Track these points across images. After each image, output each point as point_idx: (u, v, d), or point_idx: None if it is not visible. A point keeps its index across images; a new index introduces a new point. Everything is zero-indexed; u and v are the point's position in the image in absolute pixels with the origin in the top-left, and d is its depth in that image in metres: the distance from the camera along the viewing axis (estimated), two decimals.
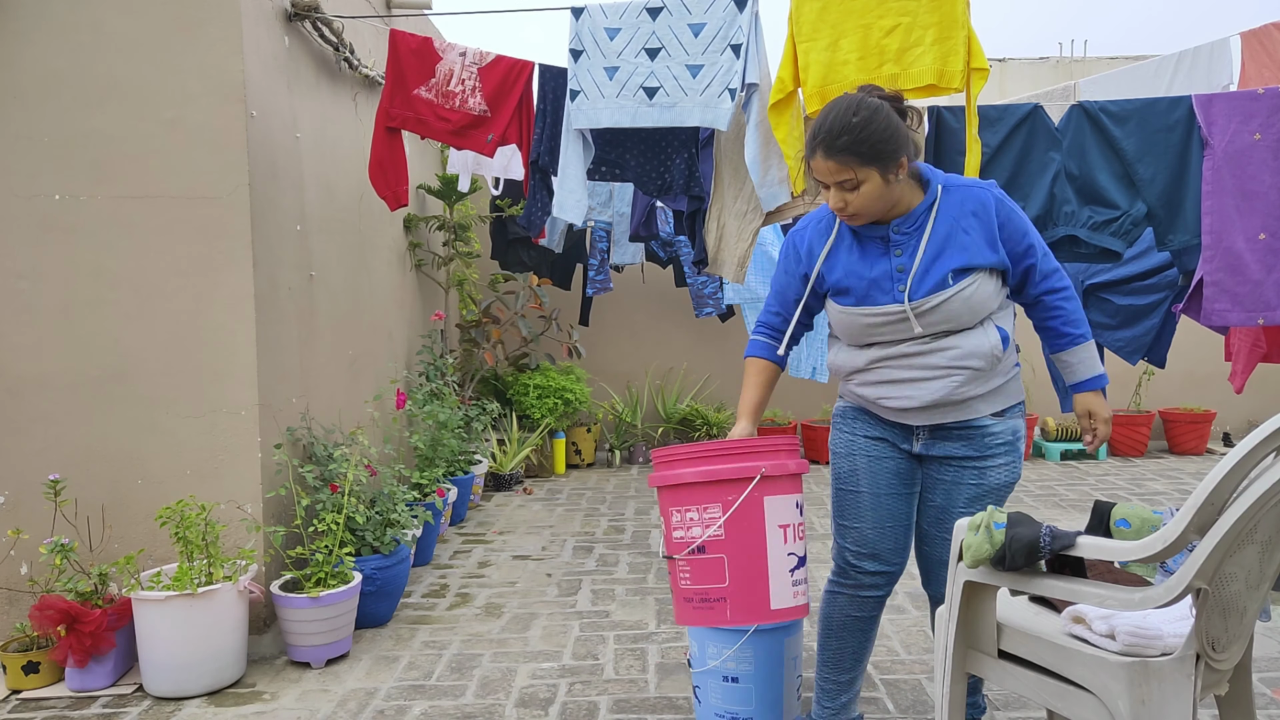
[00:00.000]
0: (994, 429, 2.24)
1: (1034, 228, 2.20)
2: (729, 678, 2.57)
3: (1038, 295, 2.25)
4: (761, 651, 2.55)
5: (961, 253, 2.14)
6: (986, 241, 2.15)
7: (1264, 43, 4.04)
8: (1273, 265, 3.29)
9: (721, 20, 3.24)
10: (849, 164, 2.08)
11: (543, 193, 3.84)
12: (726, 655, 2.52)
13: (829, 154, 2.09)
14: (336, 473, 3.45)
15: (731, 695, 2.56)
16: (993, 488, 2.27)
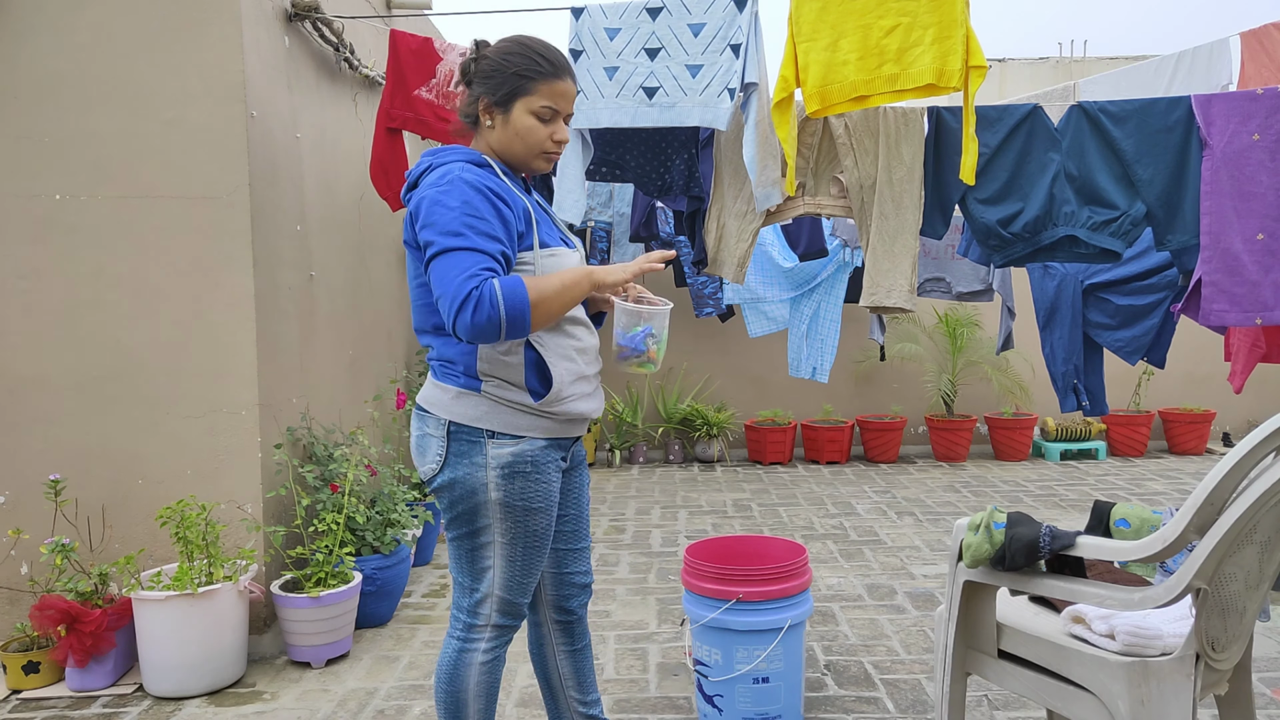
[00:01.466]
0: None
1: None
2: (760, 679, 2.57)
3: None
4: (790, 649, 2.59)
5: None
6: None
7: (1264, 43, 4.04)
8: (1270, 266, 3.29)
9: (721, 20, 3.24)
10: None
11: (542, 193, 3.84)
12: (762, 656, 2.54)
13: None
14: (337, 473, 3.45)
15: (762, 696, 2.58)
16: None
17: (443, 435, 1.93)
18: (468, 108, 1.99)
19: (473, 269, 1.74)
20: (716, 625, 2.57)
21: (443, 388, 1.94)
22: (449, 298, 1.74)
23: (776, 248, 5.93)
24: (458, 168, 1.85)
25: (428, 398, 1.97)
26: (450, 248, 1.77)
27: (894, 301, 3.54)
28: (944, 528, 4.92)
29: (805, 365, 6.17)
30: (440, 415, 1.93)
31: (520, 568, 1.98)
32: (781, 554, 2.78)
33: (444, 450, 1.93)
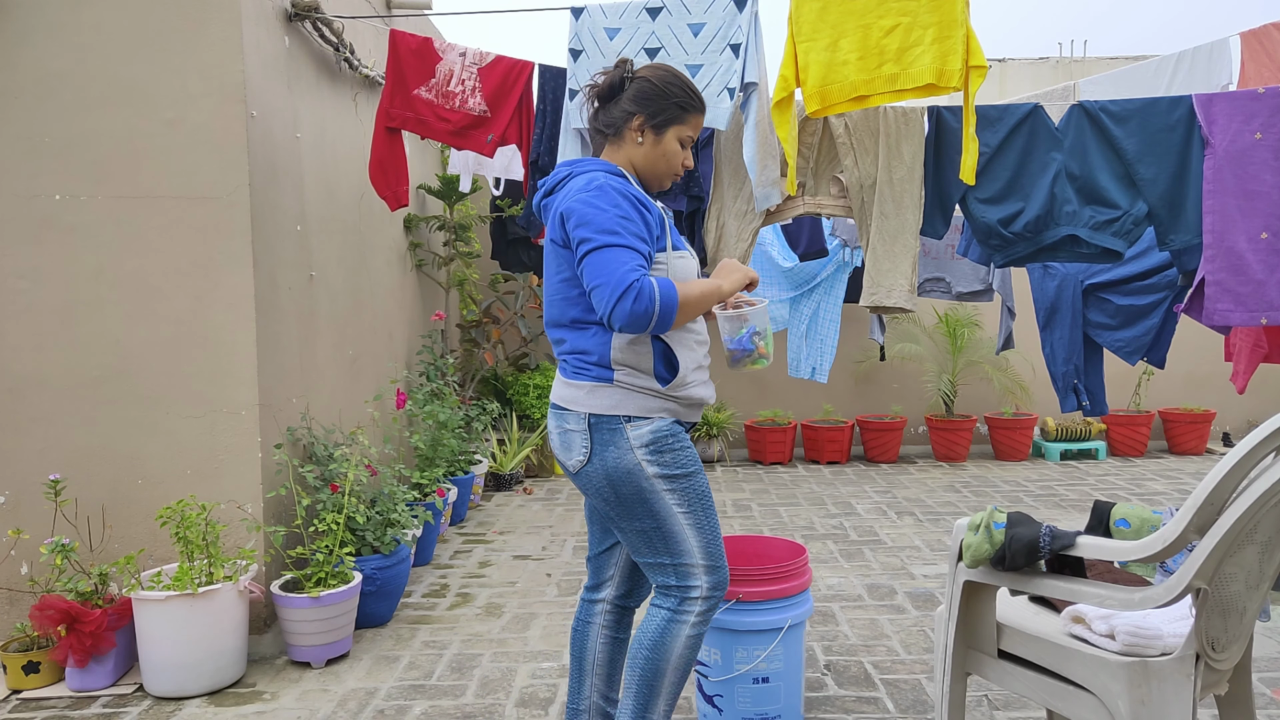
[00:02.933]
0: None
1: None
2: (760, 679, 2.58)
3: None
4: (790, 649, 2.60)
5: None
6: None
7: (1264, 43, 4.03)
8: (1275, 265, 3.28)
9: (721, 20, 3.24)
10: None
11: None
12: (762, 656, 2.55)
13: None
14: (337, 473, 3.45)
15: (762, 696, 2.59)
16: None
17: (584, 428, 2.08)
18: (614, 120, 2.15)
19: (631, 264, 1.94)
20: (716, 625, 2.56)
21: (577, 385, 2.09)
22: (610, 287, 1.92)
23: (776, 248, 5.93)
24: (602, 176, 2.05)
25: (563, 396, 2.11)
26: (608, 244, 1.95)
27: (894, 301, 3.54)
28: (944, 528, 4.92)
29: (805, 365, 6.16)
30: (579, 410, 2.08)
31: (708, 528, 2.11)
32: (782, 554, 2.78)
33: (589, 442, 2.08)
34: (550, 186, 2.15)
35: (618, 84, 2.14)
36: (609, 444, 2.06)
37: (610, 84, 2.14)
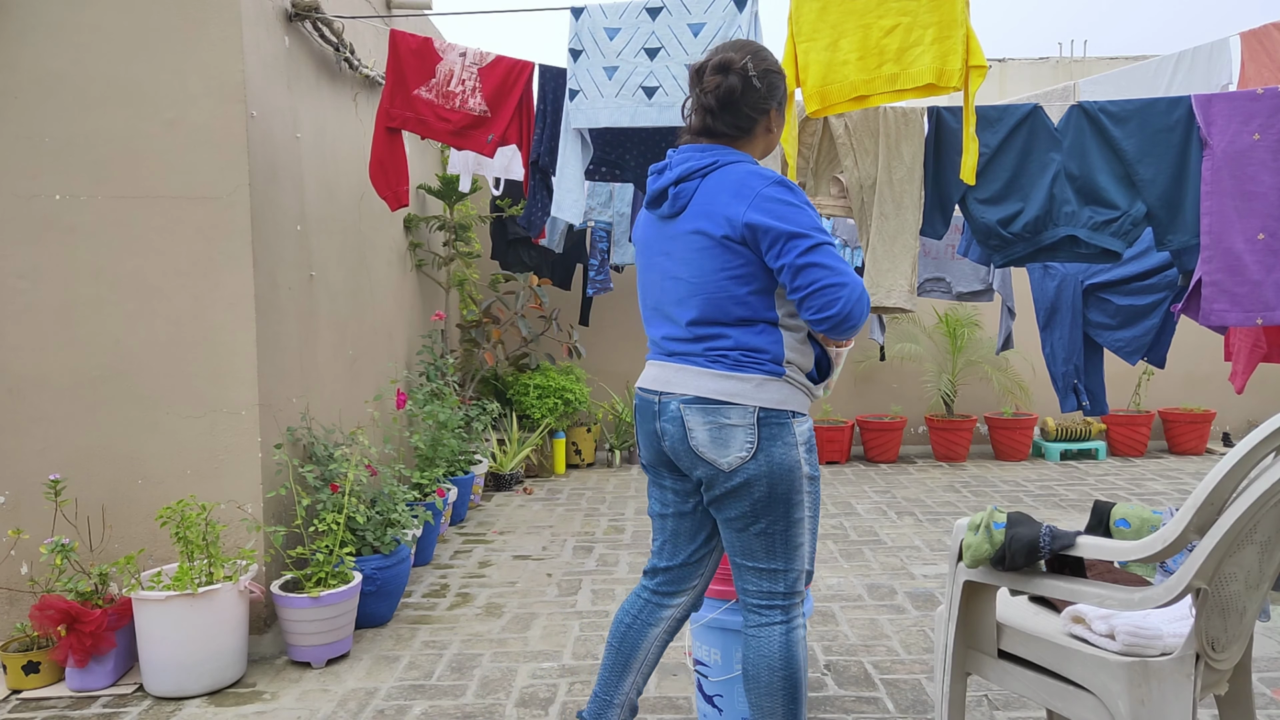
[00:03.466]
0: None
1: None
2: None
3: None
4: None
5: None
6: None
7: (1264, 43, 4.04)
8: (1272, 266, 3.29)
9: (721, 20, 3.24)
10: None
11: (543, 193, 3.84)
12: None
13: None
14: (337, 473, 3.45)
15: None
16: None
17: (751, 423, 2.01)
18: (743, 121, 2.08)
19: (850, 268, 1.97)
20: (717, 625, 2.56)
21: (743, 378, 2.02)
22: (853, 286, 1.93)
23: None
24: (765, 170, 2.04)
25: (724, 389, 2.02)
26: (826, 242, 1.96)
27: (894, 301, 3.54)
28: (944, 528, 4.92)
29: None
30: (747, 404, 2.01)
31: (814, 536, 2.14)
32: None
33: (754, 437, 2.01)
34: (688, 172, 2.06)
35: (741, 87, 2.05)
36: (776, 439, 2.01)
37: (732, 89, 2.05)
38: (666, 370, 2.11)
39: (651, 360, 2.19)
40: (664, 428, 2.10)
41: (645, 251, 2.20)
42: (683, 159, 2.10)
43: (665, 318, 2.14)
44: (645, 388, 2.16)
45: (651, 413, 2.13)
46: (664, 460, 2.18)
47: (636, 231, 2.26)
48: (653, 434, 2.15)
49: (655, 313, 2.18)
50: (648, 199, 2.17)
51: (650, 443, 2.18)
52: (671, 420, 2.08)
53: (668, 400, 2.09)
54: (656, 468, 2.22)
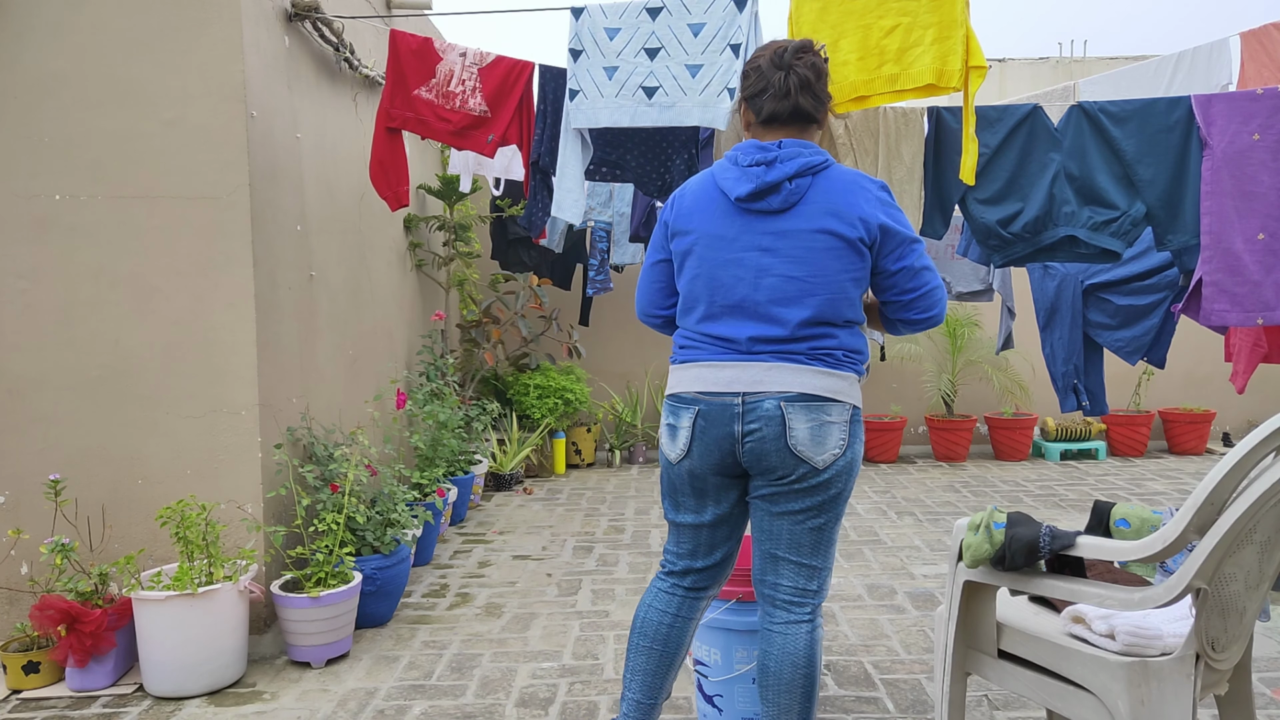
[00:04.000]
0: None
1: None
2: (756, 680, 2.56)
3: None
4: None
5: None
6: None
7: (1264, 43, 4.04)
8: (1271, 266, 3.29)
9: (721, 20, 3.24)
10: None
11: (543, 193, 3.84)
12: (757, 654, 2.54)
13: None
14: (337, 473, 3.45)
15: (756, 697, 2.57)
16: None
17: (846, 420, 2.05)
18: (824, 98, 2.13)
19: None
20: (717, 625, 2.56)
21: (845, 376, 2.06)
22: (942, 288, 2.11)
23: None
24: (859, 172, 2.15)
25: (830, 387, 2.03)
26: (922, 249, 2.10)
27: None
28: (944, 528, 4.92)
29: None
30: (848, 402, 2.06)
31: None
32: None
33: (847, 434, 2.06)
34: (806, 167, 2.04)
35: (823, 68, 2.11)
36: (858, 437, 2.08)
37: (818, 67, 2.10)
38: (751, 370, 2.03)
39: (717, 361, 2.07)
40: (751, 429, 2.02)
41: (722, 245, 2.08)
42: (793, 152, 2.04)
43: (754, 316, 2.05)
44: (719, 391, 2.05)
45: (731, 415, 2.03)
46: (725, 467, 2.10)
47: (700, 222, 2.12)
48: (728, 437, 2.05)
49: (734, 310, 2.07)
50: (749, 192, 2.05)
51: (719, 447, 2.07)
52: (766, 420, 2.01)
53: (760, 399, 2.01)
54: (704, 476, 2.12)
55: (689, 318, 2.15)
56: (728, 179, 2.09)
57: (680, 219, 2.15)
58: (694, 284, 2.12)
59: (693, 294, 2.13)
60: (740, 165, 2.07)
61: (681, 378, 2.13)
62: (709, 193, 2.13)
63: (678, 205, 2.18)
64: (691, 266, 2.12)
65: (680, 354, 2.16)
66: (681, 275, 2.16)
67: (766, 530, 2.11)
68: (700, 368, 2.09)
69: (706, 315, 2.11)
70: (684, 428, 2.10)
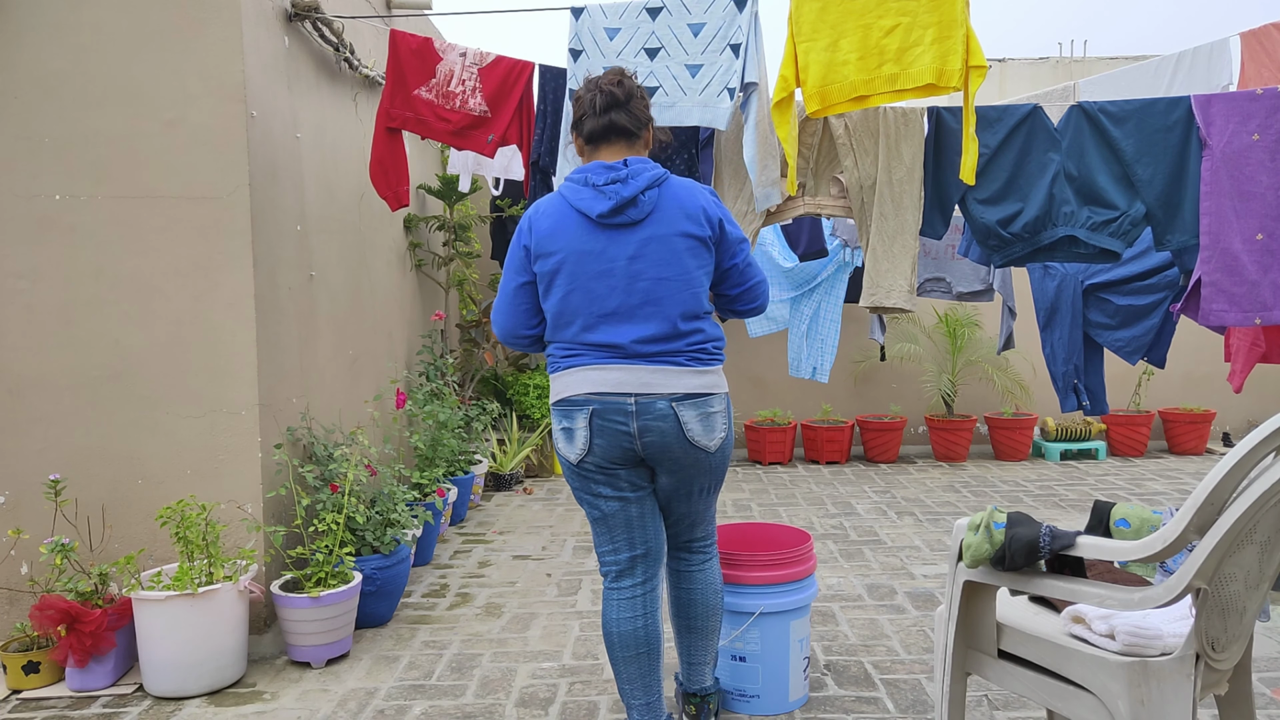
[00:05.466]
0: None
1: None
2: (737, 657, 2.72)
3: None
4: (769, 633, 2.70)
5: None
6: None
7: (1264, 43, 4.03)
8: (1269, 266, 3.29)
9: (721, 20, 3.24)
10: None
11: (543, 193, 3.84)
12: (734, 636, 2.70)
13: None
14: (336, 473, 3.45)
15: (739, 674, 2.73)
16: None
17: (725, 407, 2.36)
18: (642, 116, 2.40)
19: None
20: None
21: (713, 370, 2.33)
22: (766, 283, 2.46)
23: (776, 248, 5.93)
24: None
25: (707, 383, 2.31)
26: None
27: (894, 302, 3.54)
28: (944, 528, 4.92)
29: (805, 365, 6.17)
30: (722, 391, 2.35)
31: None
32: (781, 543, 2.91)
33: (728, 418, 2.38)
34: (653, 180, 2.27)
35: (635, 90, 2.37)
36: (731, 414, 2.40)
37: (629, 89, 2.35)
38: (638, 373, 2.24)
39: (604, 364, 2.25)
40: (648, 425, 2.24)
41: (590, 260, 2.24)
42: (639, 168, 2.27)
43: (631, 319, 2.24)
44: (609, 391, 2.24)
45: (625, 412, 2.24)
46: (627, 458, 2.30)
47: (565, 242, 2.26)
48: (624, 433, 2.25)
49: (611, 317, 2.25)
50: (610, 208, 2.23)
51: (617, 441, 2.26)
52: (661, 417, 2.24)
53: (651, 400, 2.23)
54: (610, 467, 2.30)
55: (566, 331, 2.30)
56: (584, 199, 2.25)
57: (542, 242, 2.28)
58: (567, 300, 2.27)
59: (567, 309, 2.28)
60: (595, 186, 2.24)
61: (569, 382, 2.28)
62: (566, 214, 2.28)
63: (535, 230, 2.30)
64: (562, 284, 2.27)
65: (564, 362, 2.31)
66: (550, 294, 2.30)
67: (680, 512, 2.45)
68: (588, 371, 2.26)
69: (585, 326, 2.27)
70: (580, 428, 2.27)
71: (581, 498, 2.39)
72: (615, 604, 2.37)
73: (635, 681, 2.36)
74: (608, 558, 2.40)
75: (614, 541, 2.38)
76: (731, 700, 2.76)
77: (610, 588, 2.39)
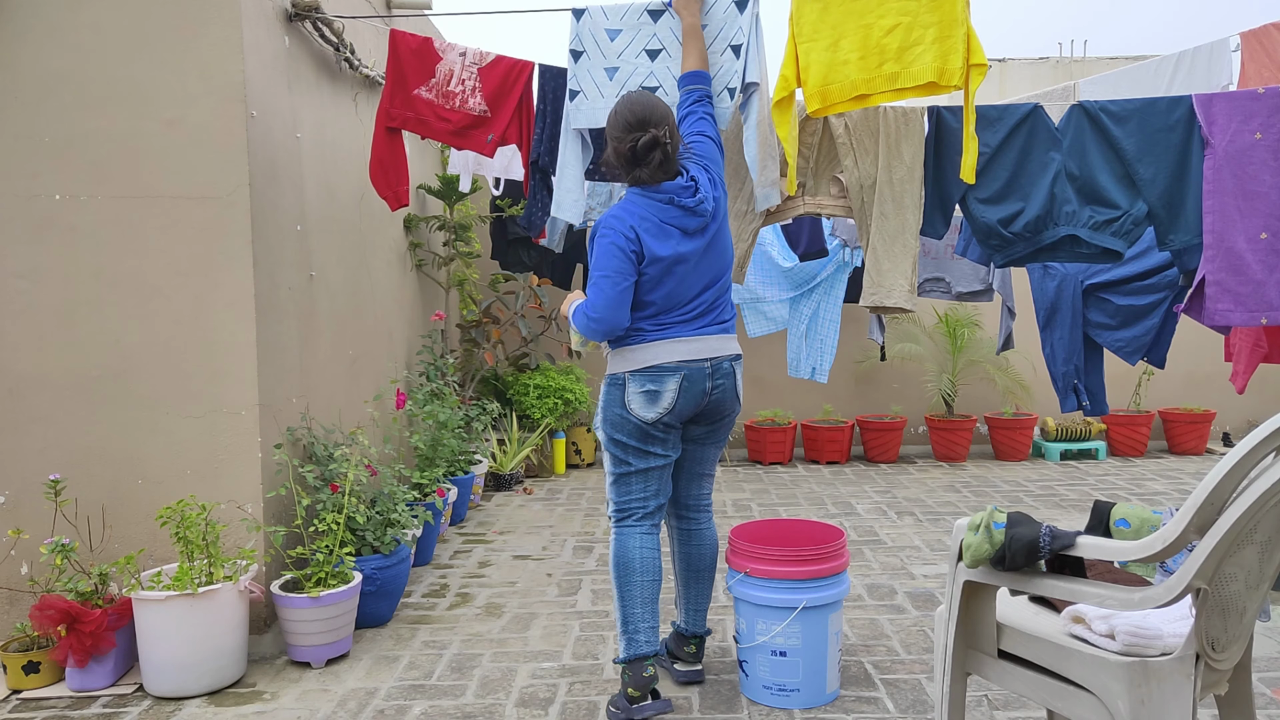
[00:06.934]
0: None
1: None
2: (777, 652, 2.76)
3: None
4: (810, 627, 2.75)
5: None
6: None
7: (1264, 43, 4.03)
8: (1274, 265, 3.28)
9: (722, 21, 3.24)
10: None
11: (543, 193, 3.84)
12: (775, 632, 2.74)
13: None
14: (337, 473, 3.45)
15: (780, 668, 2.77)
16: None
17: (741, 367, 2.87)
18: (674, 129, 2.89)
19: None
20: (744, 599, 2.81)
21: (733, 336, 2.89)
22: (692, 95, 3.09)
23: (776, 248, 5.93)
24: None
25: (738, 345, 2.85)
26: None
27: (894, 301, 3.54)
28: (944, 528, 4.92)
29: (805, 365, 6.17)
30: (740, 353, 2.86)
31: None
32: (815, 538, 2.95)
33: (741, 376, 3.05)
34: (709, 192, 2.80)
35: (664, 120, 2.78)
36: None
37: (658, 139, 2.72)
38: (710, 341, 2.74)
39: (688, 336, 2.71)
40: (719, 384, 2.75)
41: (686, 259, 2.72)
42: (700, 177, 2.78)
43: (705, 294, 2.77)
44: (693, 358, 2.70)
45: (704, 375, 2.72)
46: (693, 414, 2.76)
47: (669, 250, 2.69)
48: (701, 393, 2.73)
49: (696, 298, 2.75)
50: (698, 226, 2.73)
51: (695, 401, 2.73)
52: (727, 375, 2.77)
53: (720, 361, 2.75)
54: (673, 425, 2.74)
55: (660, 316, 2.73)
56: (675, 217, 2.71)
57: (650, 249, 2.68)
58: (671, 294, 2.72)
59: (669, 298, 2.72)
60: (686, 208, 2.71)
61: (658, 352, 2.69)
62: (665, 228, 2.71)
63: (643, 241, 2.68)
64: (667, 283, 2.71)
65: (653, 334, 2.71)
66: (658, 289, 2.70)
67: (699, 458, 2.91)
68: (675, 343, 2.70)
69: (679, 306, 2.73)
70: (670, 390, 2.69)
71: (632, 455, 2.74)
72: (639, 537, 2.77)
73: (647, 605, 2.74)
74: (636, 503, 2.78)
75: (647, 489, 2.78)
76: (771, 695, 2.78)
77: (631, 525, 2.78)
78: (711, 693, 2.90)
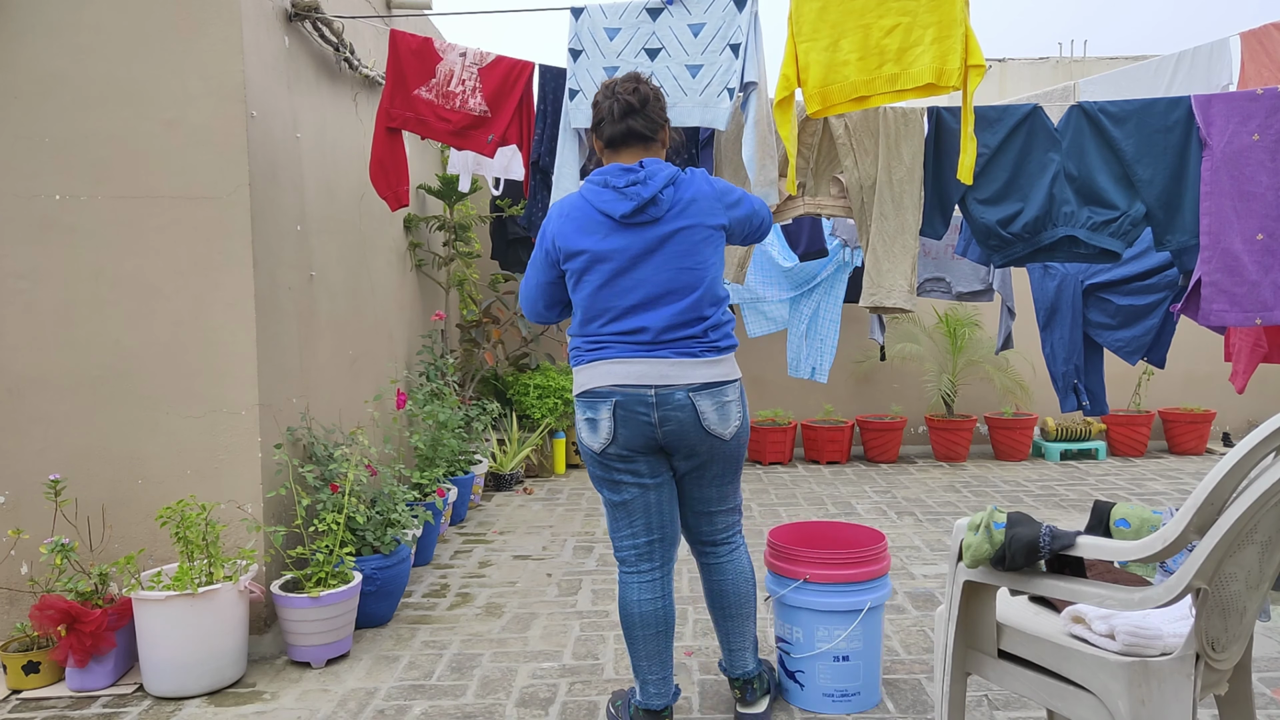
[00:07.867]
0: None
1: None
2: (840, 657, 2.73)
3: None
4: (869, 629, 2.75)
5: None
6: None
7: (1264, 43, 4.03)
8: (1270, 266, 3.29)
9: (721, 20, 3.24)
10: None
11: (543, 193, 3.84)
12: (840, 636, 2.71)
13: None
14: (337, 473, 3.45)
15: (842, 674, 2.76)
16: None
17: (739, 395, 2.46)
18: (659, 119, 2.50)
19: None
20: (799, 605, 2.73)
21: (729, 359, 2.44)
22: (765, 208, 2.61)
23: (776, 248, 5.93)
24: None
25: (724, 372, 2.41)
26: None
27: (894, 301, 3.54)
28: (944, 528, 4.92)
29: (805, 365, 6.16)
30: (735, 378, 2.44)
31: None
32: (860, 539, 2.92)
33: (742, 406, 2.46)
34: (667, 180, 2.38)
35: (651, 95, 2.45)
36: (746, 401, 2.48)
37: (644, 94, 2.43)
38: (658, 365, 2.36)
39: (625, 357, 2.37)
40: (667, 415, 2.36)
41: (616, 257, 2.38)
42: (654, 169, 2.39)
43: (653, 309, 2.37)
44: (630, 383, 2.36)
45: (646, 404, 2.36)
46: (648, 446, 2.42)
47: (591, 243, 2.39)
48: (646, 423, 2.37)
49: (634, 310, 2.38)
50: (633, 209, 2.35)
51: (640, 431, 2.38)
52: (679, 408, 2.36)
53: (670, 391, 2.35)
54: (631, 455, 2.43)
55: (593, 325, 2.42)
56: (606, 201, 2.37)
57: (568, 242, 2.42)
58: (595, 296, 2.40)
59: (595, 305, 2.41)
60: (616, 188, 2.37)
61: (592, 375, 2.41)
62: (589, 215, 2.40)
63: (560, 232, 2.43)
64: (590, 281, 2.40)
65: (588, 355, 2.43)
66: (579, 289, 2.43)
67: (696, 498, 2.55)
68: (612, 364, 2.38)
69: (611, 319, 2.40)
70: (604, 419, 2.40)
71: (602, 485, 2.52)
72: (635, 587, 2.51)
73: (653, 658, 2.51)
74: (625, 542, 2.52)
75: (632, 526, 2.50)
76: (832, 702, 2.73)
77: (629, 572, 2.52)
78: (712, 693, 2.90)
